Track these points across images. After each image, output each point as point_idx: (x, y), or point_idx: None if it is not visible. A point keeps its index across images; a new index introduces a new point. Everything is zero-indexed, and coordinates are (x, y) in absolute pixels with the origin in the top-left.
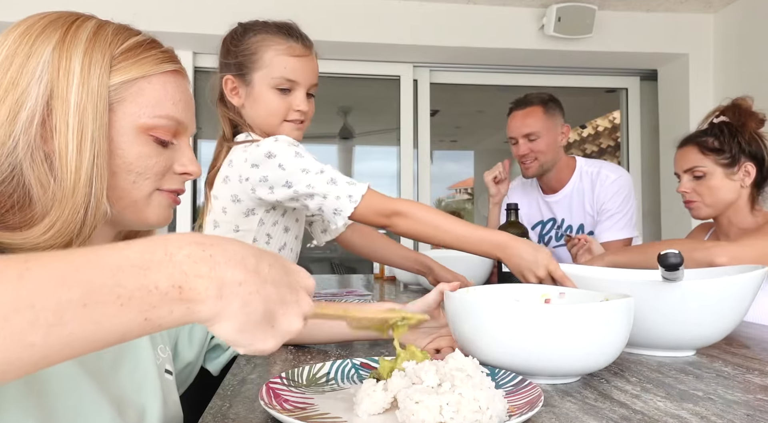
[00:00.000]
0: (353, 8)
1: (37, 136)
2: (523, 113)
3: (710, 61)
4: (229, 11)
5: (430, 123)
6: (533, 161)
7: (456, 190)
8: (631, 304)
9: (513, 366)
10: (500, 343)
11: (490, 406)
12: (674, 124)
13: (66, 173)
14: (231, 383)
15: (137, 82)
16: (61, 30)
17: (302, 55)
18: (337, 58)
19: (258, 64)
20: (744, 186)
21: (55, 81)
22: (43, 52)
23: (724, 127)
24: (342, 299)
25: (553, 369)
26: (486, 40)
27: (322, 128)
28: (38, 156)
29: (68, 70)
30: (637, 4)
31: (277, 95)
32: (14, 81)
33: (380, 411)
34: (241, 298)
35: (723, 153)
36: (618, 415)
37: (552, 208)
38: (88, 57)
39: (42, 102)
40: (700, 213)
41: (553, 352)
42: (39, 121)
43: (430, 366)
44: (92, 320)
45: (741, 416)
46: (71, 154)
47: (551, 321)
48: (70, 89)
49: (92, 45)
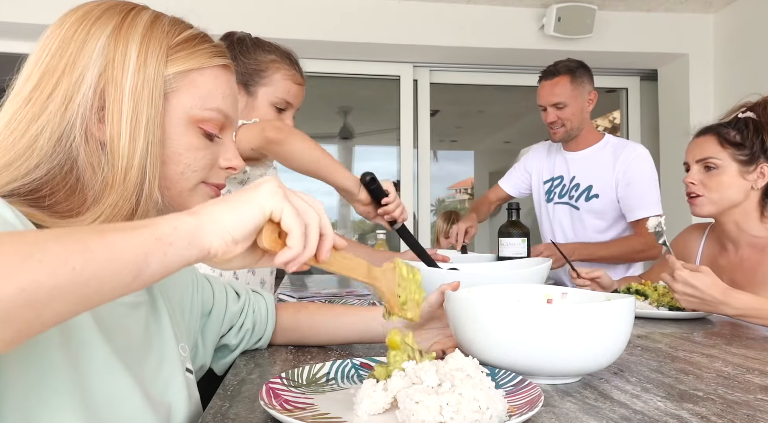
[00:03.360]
0: (353, 8)
1: (91, 121)
2: (551, 83)
3: (710, 61)
4: (229, 11)
5: (430, 123)
6: (560, 127)
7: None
8: (632, 304)
9: (515, 366)
10: (502, 344)
11: (490, 406)
12: (674, 124)
13: (118, 159)
14: (231, 383)
15: (191, 74)
16: (118, 17)
17: (301, 84)
18: (337, 58)
19: (265, 81)
20: (755, 188)
21: (110, 67)
22: (100, 38)
23: (750, 123)
24: (341, 300)
25: (555, 369)
26: (486, 40)
27: (322, 128)
28: (92, 141)
29: (125, 57)
30: (637, 4)
31: (274, 111)
32: (70, 66)
33: (380, 411)
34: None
35: (743, 149)
36: (618, 415)
37: (568, 165)
38: (144, 46)
39: (97, 88)
40: (702, 209)
41: (556, 353)
42: (94, 107)
43: (430, 366)
44: (114, 246)
45: (741, 416)
46: (124, 140)
47: (554, 321)
48: (125, 76)
49: (149, 34)
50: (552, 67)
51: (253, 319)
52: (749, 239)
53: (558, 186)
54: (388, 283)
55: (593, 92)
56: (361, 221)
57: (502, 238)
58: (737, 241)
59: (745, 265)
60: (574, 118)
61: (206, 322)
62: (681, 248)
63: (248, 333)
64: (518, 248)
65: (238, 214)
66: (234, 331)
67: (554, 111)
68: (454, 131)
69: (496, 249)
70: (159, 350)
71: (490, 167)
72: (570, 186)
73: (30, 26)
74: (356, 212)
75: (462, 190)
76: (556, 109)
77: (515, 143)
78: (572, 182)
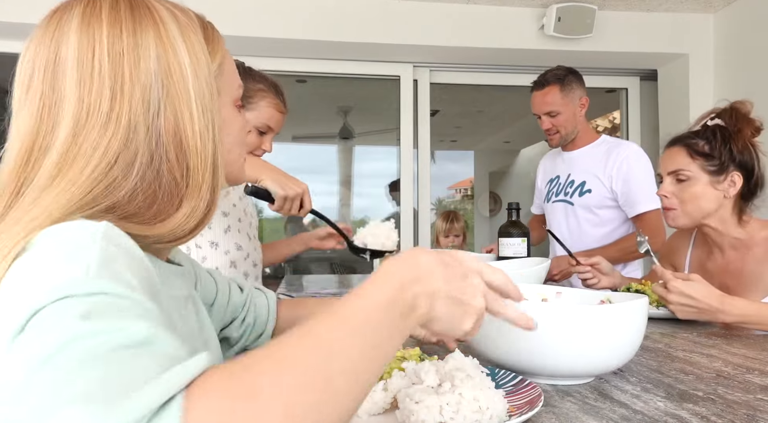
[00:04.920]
0: (353, 8)
1: (164, 129)
2: (541, 93)
3: (710, 61)
4: (229, 11)
5: (430, 123)
6: (555, 134)
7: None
8: (645, 305)
9: (518, 367)
10: (507, 344)
11: (490, 406)
12: (674, 124)
13: (197, 161)
14: None
15: (223, 60)
16: (150, 15)
17: (283, 112)
18: (337, 58)
19: (252, 107)
20: (727, 196)
21: (168, 74)
22: (149, 46)
23: (717, 131)
24: None
25: (565, 370)
26: (486, 40)
27: (322, 128)
28: (171, 149)
29: (179, 62)
30: (637, 4)
31: (256, 134)
32: (134, 76)
33: (380, 411)
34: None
35: (712, 159)
36: (618, 415)
37: (566, 163)
38: (189, 44)
39: (162, 95)
40: (677, 222)
41: (566, 354)
42: (164, 114)
43: (430, 366)
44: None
45: (741, 416)
46: (197, 141)
47: (566, 321)
48: (186, 80)
49: (186, 31)
50: (541, 78)
51: (255, 314)
52: (731, 241)
53: (555, 185)
54: None
55: (584, 97)
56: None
57: (502, 238)
58: (720, 244)
59: (731, 267)
60: (567, 124)
61: (209, 313)
62: (669, 253)
63: (249, 328)
64: (518, 248)
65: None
66: (236, 324)
67: (548, 119)
68: (454, 131)
69: (496, 249)
70: (211, 342)
71: (489, 167)
72: (565, 183)
73: (30, 26)
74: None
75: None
76: (549, 117)
77: (515, 143)
78: (568, 179)
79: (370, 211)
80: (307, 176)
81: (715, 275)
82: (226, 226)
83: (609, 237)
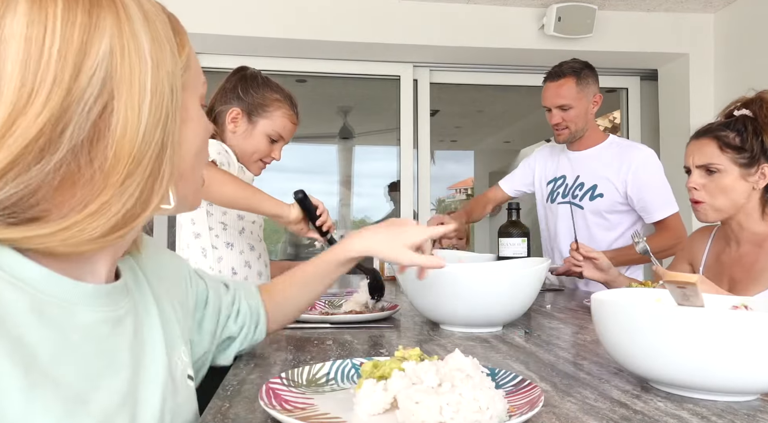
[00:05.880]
0: (353, 8)
1: (99, 116)
2: (555, 85)
3: (710, 60)
4: (229, 11)
5: (430, 123)
6: (565, 129)
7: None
8: None
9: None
10: (675, 357)
11: (490, 406)
12: (674, 124)
13: (129, 150)
14: (231, 383)
15: (190, 54)
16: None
17: (295, 123)
18: (337, 58)
19: (267, 115)
20: (756, 188)
21: (121, 63)
22: (105, 30)
23: (748, 123)
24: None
25: (734, 386)
26: (486, 40)
27: (322, 128)
28: (97, 137)
29: (137, 48)
30: (638, 4)
31: (267, 141)
32: (81, 55)
33: (380, 411)
34: None
35: (743, 152)
36: (618, 415)
37: (572, 164)
38: (154, 33)
39: (105, 83)
40: (707, 216)
41: (737, 367)
42: (101, 102)
43: (430, 366)
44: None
45: (741, 416)
46: (139, 133)
47: (743, 331)
48: (144, 69)
49: (150, 18)
50: (557, 68)
51: (248, 304)
52: (750, 237)
53: (561, 186)
54: None
55: (598, 94)
56: (361, 221)
57: (502, 238)
58: (739, 238)
59: (743, 260)
60: (578, 120)
61: (203, 315)
62: (688, 251)
63: (246, 316)
64: (518, 248)
65: None
66: (232, 320)
67: (559, 112)
68: (453, 131)
69: (496, 249)
70: (157, 356)
71: (490, 167)
72: (573, 185)
73: None
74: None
75: (462, 190)
76: (560, 110)
77: (515, 143)
78: (576, 182)
79: (370, 211)
80: (307, 176)
81: (726, 267)
82: (241, 228)
83: (618, 241)
